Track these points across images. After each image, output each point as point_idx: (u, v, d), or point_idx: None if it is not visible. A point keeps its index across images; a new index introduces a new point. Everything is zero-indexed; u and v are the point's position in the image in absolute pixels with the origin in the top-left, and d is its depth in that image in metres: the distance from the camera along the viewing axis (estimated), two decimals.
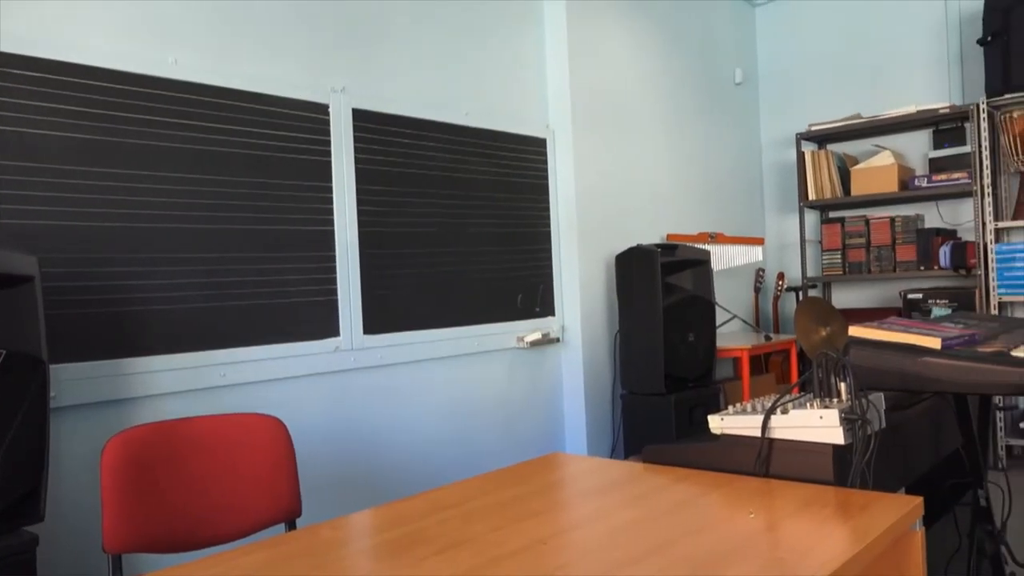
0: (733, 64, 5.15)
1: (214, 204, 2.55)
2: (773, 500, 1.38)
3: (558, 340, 3.79)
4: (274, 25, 2.77)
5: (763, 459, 1.58)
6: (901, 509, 1.29)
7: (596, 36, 4.01)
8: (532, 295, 3.68)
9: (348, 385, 2.94)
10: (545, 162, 3.79)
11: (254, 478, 1.82)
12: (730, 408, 1.70)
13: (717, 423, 1.65)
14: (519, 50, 3.73)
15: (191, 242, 2.49)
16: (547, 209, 3.79)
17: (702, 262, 3.87)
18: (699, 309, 3.82)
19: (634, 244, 4.09)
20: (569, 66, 3.82)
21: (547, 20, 3.87)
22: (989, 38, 4.17)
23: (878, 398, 1.65)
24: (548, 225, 3.79)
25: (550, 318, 3.78)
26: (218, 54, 2.60)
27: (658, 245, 3.70)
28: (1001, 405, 4.16)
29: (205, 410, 2.51)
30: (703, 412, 3.76)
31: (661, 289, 3.61)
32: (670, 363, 3.64)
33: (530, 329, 3.66)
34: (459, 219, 3.35)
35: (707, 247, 4.59)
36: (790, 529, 1.22)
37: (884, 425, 1.64)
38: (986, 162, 4.22)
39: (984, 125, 4.21)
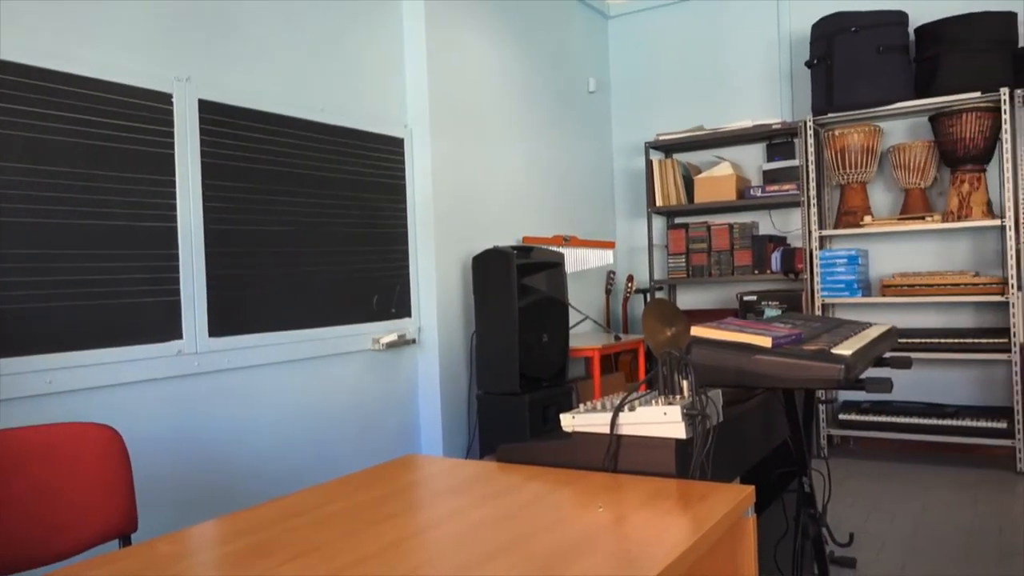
0: (587, 73, 5.32)
1: (42, 196, 2.35)
2: (621, 494, 1.44)
3: (414, 341, 3.77)
4: (115, 8, 2.58)
5: (612, 455, 1.64)
6: (736, 498, 1.37)
7: (454, 39, 4.02)
8: (388, 296, 3.64)
9: (192, 391, 2.79)
10: (403, 162, 3.76)
11: (84, 492, 1.70)
12: (581, 407, 1.75)
13: (569, 421, 1.70)
14: (377, 48, 3.68)
15: (13, 237, 2.28)
16: (404, 209, 3.76)
17: (556, 264, 3.97)
18: (553, 310, 3.91)
19: (491, 246, 4.13)
20: (427, 67, 3.81)
21: (406, 20, 3.84)
22: (815, 61, 4.53)
23: (717, 394, 1.75)
24: (405, 225, 3.76)
25: (406, 319, 3.75)
26: (52, 36, 2.40)
27: (514, 247, 3.76)
28: (823, 398, 4.53)
29: (29, 420, 2.31)
30: (556, 411, 3.86)
31: (517, 290, 3.67)
32: (525, 363, 3.70)
33: (386, 331, 3.62)
34: (314, 218, 3.26)
35: (561, 250, 4.71)
36: (636, 521, 1.28)
37: (722, 419, 1.74)
38: (812, 175, 4.59)
39: (811, 141, 4.57)
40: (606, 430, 1.64)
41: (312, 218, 3.26)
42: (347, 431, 3.44)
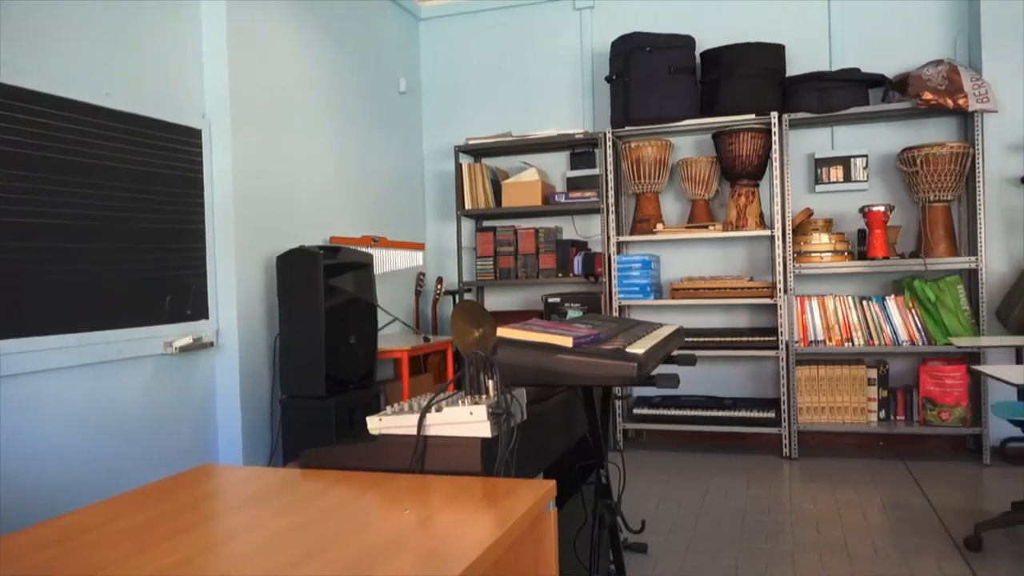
0: (398, 73, 5.30)
1: None
2: (427, 495, 1.44)
3: (212, 345, 3.57)
4: None
5: (419, 456, 1.64)
6: (538, 493, 1.42)
7: (258, 29, 3.85)
8: (183, 297, 3.41)
9: None
10: (200, 154, 3.54)
11: None
12: (388, 408, 1.74)
13: (375, 423, 1.68)
14: (173, 32, 3.44)
15: None
16: (201, 204, 3.54)
17: (365, 265, 3.91)
18: (361, 311, 3.85)
19: (296, 245, 4.00)
20: (228, 57, 3.62)
21: (205, 5, 3.63)
22: (614, 77, 4.81)
23: (521, 393, 1.81)
24: (202, 222, 3.55)
25: (203, 321, 3.54)
26: None
27: (321, 247, 3.66)
28: (619, 394, 4.81)
29: None
30: (364, 414, 3.80)
31: (323, 291, 3.58)
32: (331, 366, 3.62)
33: (180, 333, 3.39)
34: (99, 211, 2.99)
35: (370, 250, 4.65)
36: (442, 521, 1.29)
37: (525, 417, 1.80)
38: (611, 184, 4.86)
39: (610, 152, 4.84)
40: (413, 431, 1.64)
41: (99, 211, 2.99)
42: (136, 442, 3.18)
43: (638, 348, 1.93)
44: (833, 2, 4.79)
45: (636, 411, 4.81)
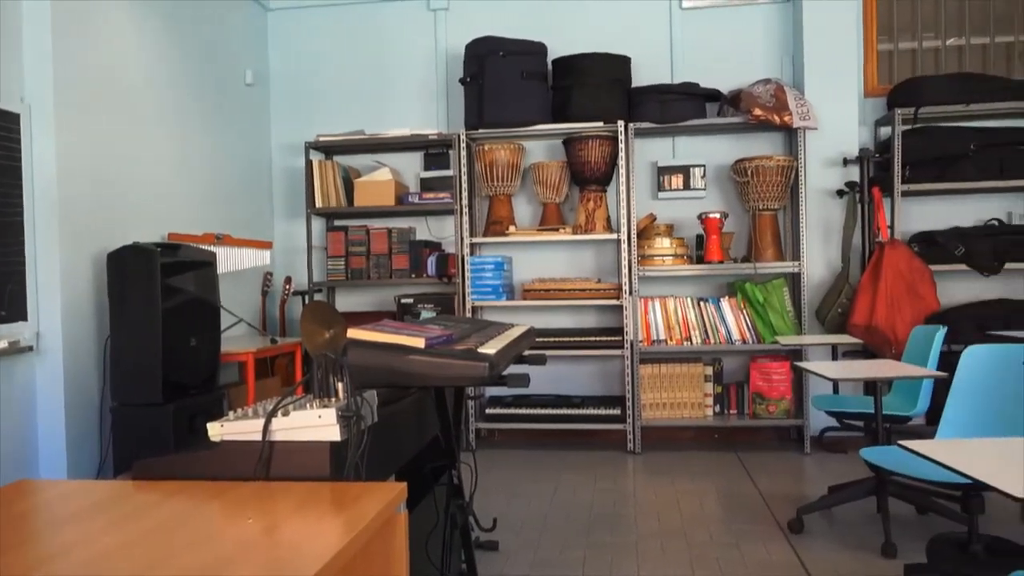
0: (244, 64, 5.08)
1: None
2: (273, 503, 1.39)
3: (31, 349, 3.27)
4: None
5: (264, 462, 1.58)
6: (388, 495, 1.41)
7: (90, 8, 3.57)
8: None
9: None
10: (18, 141, 3.24)
11: None
12: (231, 414, 1.66)
13: (217, 430, 1.60)
14: None
15: None
16: (19, 196, 3.24)
17: (207, 264, 3.72)
18: (203, 313, 3.66)
19: (130, 242, 3.74)
20: (52, 37, 3.33)
21: None
22: (468, 79, 4.84)
23: (372, 395, 1.78)
24: (20, 214, 3.25)
25: (20, 323, 3.24)
26: None
27: (158, 244, 3.44)
28: (472, 394, 4.85)
29: None
30: (206, 420, 3.60)
31: (160, 291, 3.37)
32: (170, 370, 3.41)
33: None
34: None
35: (213, 248, 4.43)
36: (289, 528, 1.25)
37: (376, 419, 1.77)
38: (464, 185, 4.89)
39: (463, 153, 4.87)
40: (258, 437, 1.58)
41: None
42: None
43: (490, 348, 1.95)
44: (675, 19, 5.06)
45: (489, 411, 4.86)
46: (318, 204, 4.99)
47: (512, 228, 4.90)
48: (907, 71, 4.92)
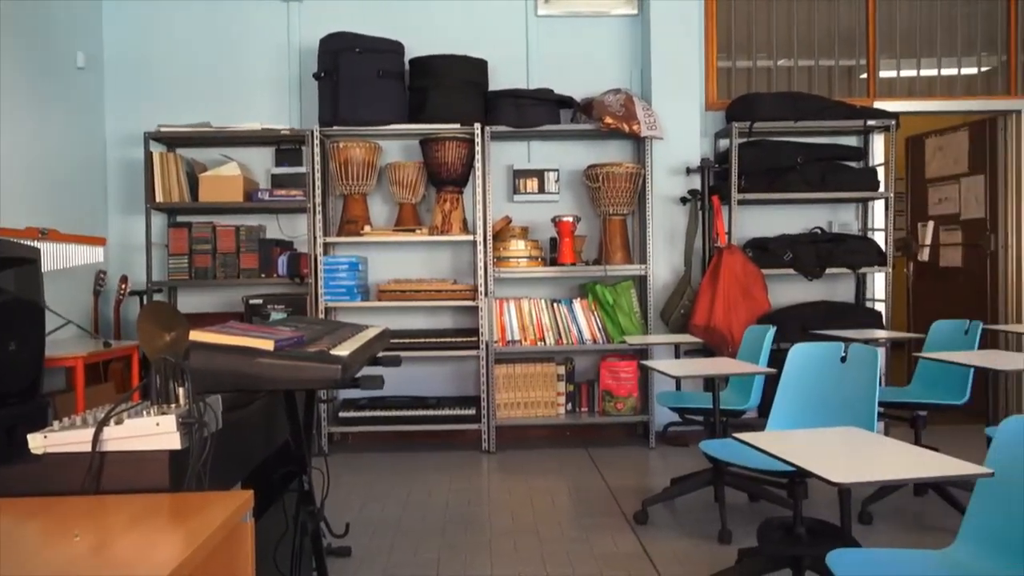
0: (75, 46, 4.71)
1: None
2: (105, 518, 1.30)
3: None
4: None
5: (94, 475, 1.47)
6: (233, 505, 1.35)
7: None
8: None
9: None
10: None
11: None
12: (56, 423, 1.54)
13: (39, 442, 1.48)
14: None
15: None
16: None
17: (29, 261, 3.41)
18: (23, 314, 3.35)
19: None
20: None
21: None
22: (322, 74, 4.72)
23: (216, 400, 1.70)
24: None
25: None
26: None
27: None
28: (324, 397, 4.73)
29: None
30: (28, 431, 3.31)
31: None
32: None
33: None
34: None
35: (37, 244, 4.07)
36: (122, 544, 1.17)
37: (221, 426, 1.69)
38: (318, 183, 4.76)
39: (317, 150, 4.75)
40: (87, 448, 1.47)
41: None
42: None
43: (343, 350, 1.91)
44: (531, 26, 5.16)
45: (342, 414, 4.76)
46: (159, 199, 4.71)
47: (367, 228, 4.83)
48: (743, 88, 5.26)
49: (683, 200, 4.99)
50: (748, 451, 2.95)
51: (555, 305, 4.90)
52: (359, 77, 4.66)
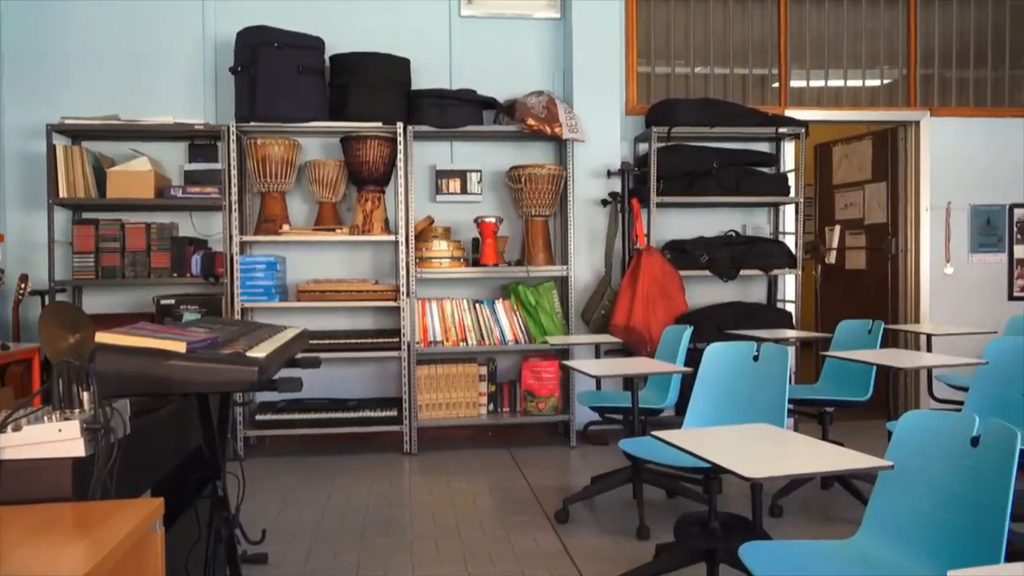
0: None
1: None
2: (0, 530, 1.23)
3: None
4: None
5: None
6: (142, 513, 1.30)
7: None
8: None
9: None
10: None
11: None
12: None
13: None
14: None
15: None
16: None
17: None
18: None
19: None
20: None
21: None
22: (239, 68, 4.59)
23: (124, 404, 1.63)
24: None
25: None
26: None
27: None
28: (240, 400, 4.60)
29: None
30: None
31: None
32: None
33: None
34: None
35: None
36: (20, 558, 1.11)
37: (129, 431, 1.63)
38: (234, 180, 4.63)
39: (234, 147, 4.62)
40: None
41: None
42: None
43: (259, 352, 1.86)
44: (454, 26, 5.15)
45: (259, 417, 4.64)
46: (63, 194, 4.49)
47: (286, 227, 4.73)
48: (662, 93, 5.38)
49: (604, 202, 5.07)
50: (666, 448, 3.02)
51: (477, 306, 4.90)
52: (278, 72, 4.56)
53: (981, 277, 5.66)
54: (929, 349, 4.88)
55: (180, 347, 1.71)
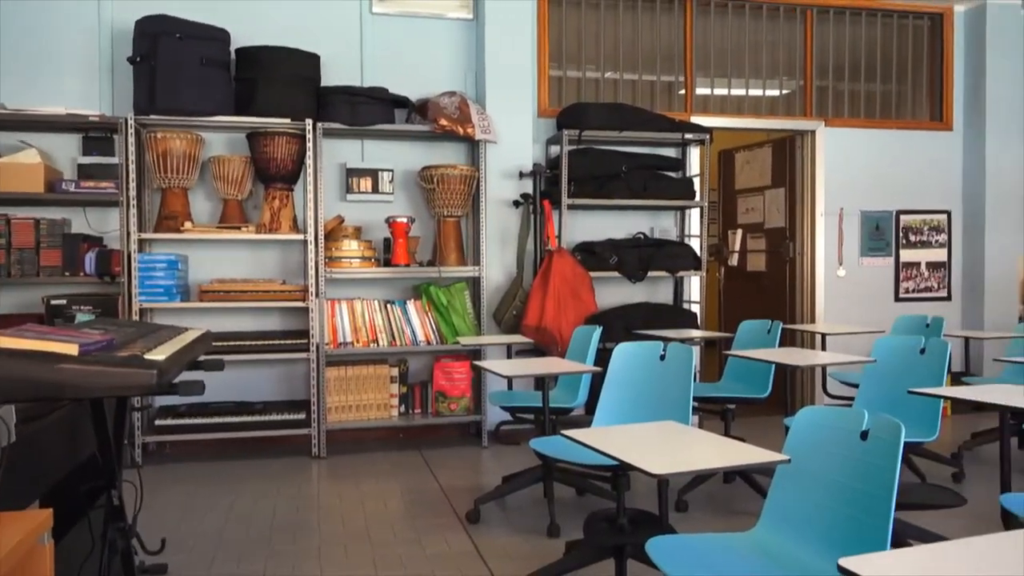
0: None
1: None
2: None
3: None
4: None
5: None
6: (28, 526, 1.23)
7: None
8: None
9: None
10: None
11: None
12: None
13: None
14: None
15: None
16: None
17: None
18: None
19: None
20: None
21: None
22: (138, 59, 4.40)
23: (8, 411, 1.54)
24: None
25: None
26: None
27: None
28: (138, 405, 4.41)
29: None
30: None
31: None
32: None
33: None
34: None
35: None
36: None
37: (14, 439, 1.54)
38: (133, 175, 4.44)
39: (132, 140, 4.42)
40: None
41: None
42: None
43: (158, 354, 1.79)
44: (366, 23, 5.08)
45: (159, 422, 4.46)
46: None
47: (188, 224, 4.56)
48: (573, 97, 5.46)
49: (516, 203, 5.10)
50: (576, 447, 3.06)
51: (389, 306, 4.85)
52: (180, 64, 4.40)
53: (870, 279, 5.98)
54: (824, 348, 5.12)
55: (71, 349, 1.62)
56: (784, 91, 5.87)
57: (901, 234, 6.02)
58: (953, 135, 6.10)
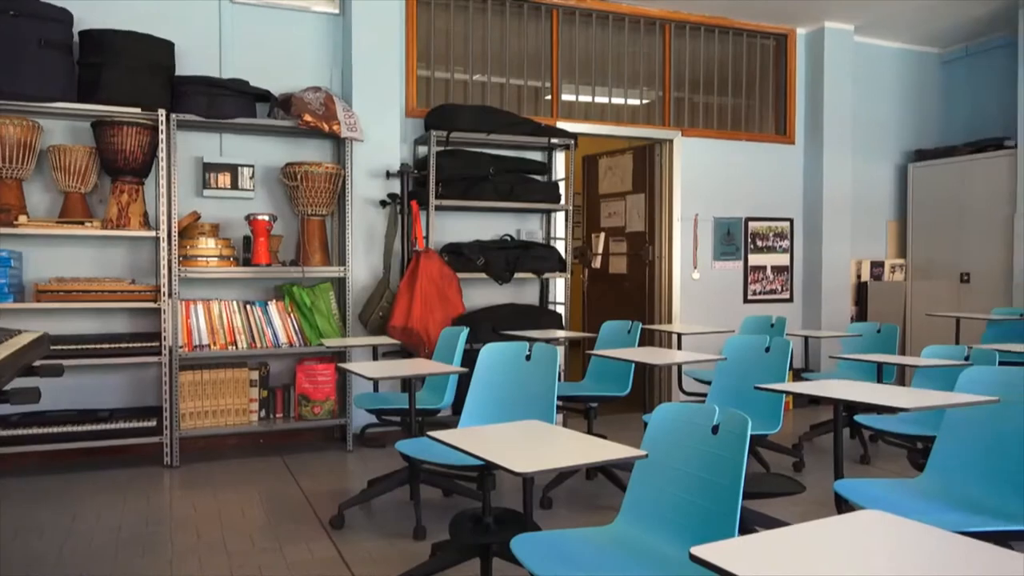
0: None
1: None
2: None
3: None
4: None
5: None
6: None
7: None
8: None
9: None
10: None
11: None
12: None
13: None
14: None
15: None
16: None
17: None
18: None
19: None
20: None
21: None
22: None
23: None
24: None
25: None
26: None
27: None
28: None
29: None
30: None
31: None
32: None
33: None
34: None
35: None
36: None
37: None
38: None
39: None
40: None
41: None
42: None
43: None
44: (224, 11, 4.87)
45: None
46: None
47: (23, 218, 4.21)
48: (441, 98, 5.46)
49: (383, 203, 5.04)
50: (442, 448, 3.06)
51: (248, 307, 4.67)
52: (15, 44, 4.05)
53: (722, 282, 6.33)
54: (679, 347, 5.37)
55: None
56: (644, 100, 6.11)
57: (750, 239, 6.40)
58: (795, 148, 6.56)
